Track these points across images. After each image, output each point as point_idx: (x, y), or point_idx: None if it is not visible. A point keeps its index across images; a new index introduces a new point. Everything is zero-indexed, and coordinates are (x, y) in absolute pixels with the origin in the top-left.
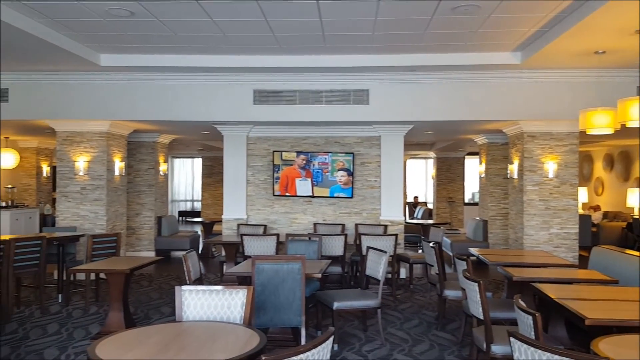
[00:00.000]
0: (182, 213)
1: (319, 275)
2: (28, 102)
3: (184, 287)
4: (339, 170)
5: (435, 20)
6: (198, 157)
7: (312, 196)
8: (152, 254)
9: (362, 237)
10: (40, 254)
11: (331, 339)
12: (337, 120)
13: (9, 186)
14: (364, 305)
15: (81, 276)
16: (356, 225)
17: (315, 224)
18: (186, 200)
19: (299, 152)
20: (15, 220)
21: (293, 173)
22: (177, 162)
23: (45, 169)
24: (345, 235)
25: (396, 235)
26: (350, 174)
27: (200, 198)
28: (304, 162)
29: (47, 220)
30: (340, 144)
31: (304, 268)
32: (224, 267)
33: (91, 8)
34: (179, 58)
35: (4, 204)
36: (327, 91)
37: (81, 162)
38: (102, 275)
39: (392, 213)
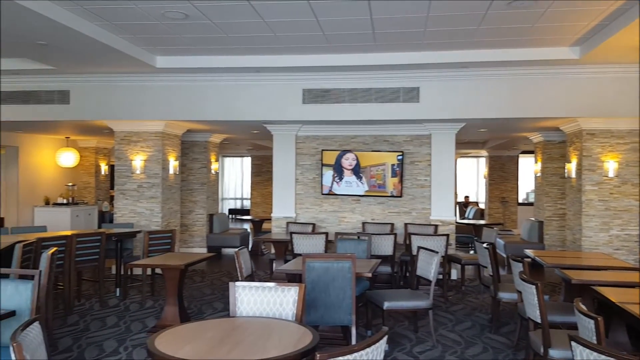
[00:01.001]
0: (231, 211)
1: (370, 275)
2: (88, 103)
3: (237, 283)
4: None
5: (489, 16)
6: (247, 156)
7: (361, 195)
8: (204, 250)
9: (412, 236)
10: (99, 249)
11: (385, 338)
12: (386, 119)
13: (70, 184)
14: (415, 306)
15: (138, 271)
16: (405, 224)
17: (363, 223)
18: (235, 199)
19: (347, 151)
20: (76, 217)
21: (340, 172)
22: (227, 161)
23: (104, 168)
24: (395, 234)
25: (447, 235)
26: (400, 173)
27: (249, 196)
28: (353, 161)
29: (105, 217)
30: (390, 143)
31: (355, 267)
32: (274, 264)
33: (148, 11)
34: (230, 59)
35: (65, 201)
36: (377, 89)
37: (138, 161)
38: (157, 270)
39: (443, 213)
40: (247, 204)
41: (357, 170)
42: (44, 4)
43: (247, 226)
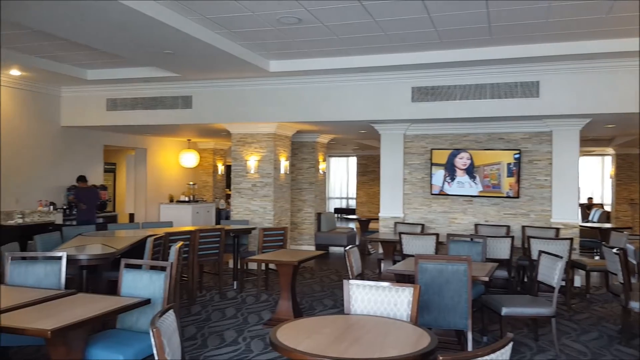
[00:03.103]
0: (337, 210)
1: (486, 279)
2: (208, 107)
3: (351, 281)
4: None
5: (619, 3)
6: (353, 156)
7: (474, 196)
8: (312, 248)
9: (532, 240)
10: (219, 244)
11: (510, 345)
12: (502, 116)
13: (191, 183)
14: (536, 313)
15: (252, 265)
16: (523, 227)
17: (476, 225)
18: (341, 198)
19: (459, 150)
20: (196, 214)
21: (452, 171)
22: (333, 160)
23: (220, 168)
24: (512, 237)
25: (571, 239)
26: (517, 172)
27: (354, 196)
28: (467, 160)
29: (221, 214)
30: (505, 141)
31: (470, 270)
32: (382, 264)
33: (264, 18)
34: (340, 60)
35: (186, 199)
36: (491, 85)
37: (252, 162)
38: (270, 266)
39: (565, 215)
40: (352, 203)
41: (470, 170)
42: (174, 16)
43: (353, 225)
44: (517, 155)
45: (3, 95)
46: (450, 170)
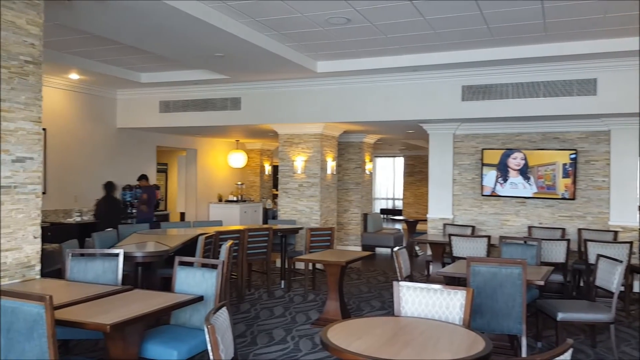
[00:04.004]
0: (382, 211)
1: (541, 283)
2: (256, 108)
3: (401, 283)
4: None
5: None
6: (399, 156)
7: (528, 197)
8: (358, 248)
9: (589, 243)
10: (267, 243)
11: (570, 351)
12: (556, 114)
13: (239, 183)
14: (593, 319)
15: (299, 265)
16: (579, 230)
17: (529, 227)
18: (387, 199)
19: (511, 150)
20: (244, 213)
21: (505, 172)
22: (379, 161)
23: (267, 168)
24: (568, 240)
25: (630, 242)
26: (573, 173)
27: (400, 196)
28: (521, 160)
29: (268, 214)
30: (560, 140)
31: (525, 273)
32: (430, 266)
33: (313, 19)
34: (388, 59)
35: (234, 199)
36: (545, 82)
37: (299, 162)
38: (317, 266)
39: (625, 218)
40: (398, 204)
41: (524, 171)
42: (225, 19)
43: (400, 226)
44: (573, 156)
45: (63, 98)
46: (503, 170)
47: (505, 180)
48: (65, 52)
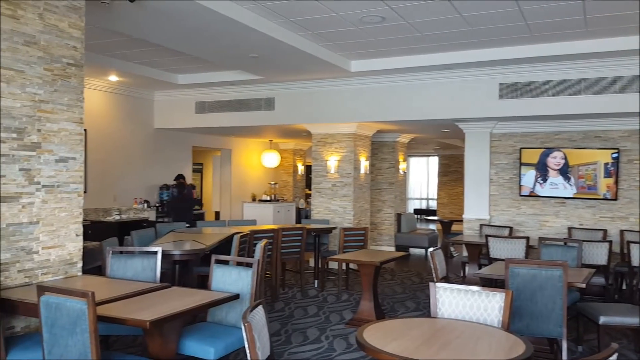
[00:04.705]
0: (416, 211)
1: (583, 285)
2: (290, 109)
3: (437, 284)
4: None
5: None
6: (433, 156)
7: (568, 197)
8: (391, 249)
9: (632, 245)
10: (301, 242)
11: (615, 356)
12: (598, 112)
13: (272, 182)
14: (637, 323)
15: (332, 265)
16: (621, 231)
17: (569, 228)
18: (420, 199)
19: (551, 149)
20: (277, 212)
21: (545, 172)
22: (413, 160)
23: (300, 168)
24: (610, 242)
25: None
26: (615, 172)
27: (434, 196)
28: (561, 160)
29: (300, 213)
30: (602, 139)
31: (566, 275)
32: (466, 267)
33: (347, 18)
34: (422, 58)
35: (268, 198)
36: (587, 79)
37: (332, 162)
38: (351, 266)
39: None
40: (432, 204)
41: (565, 170)
42: (259, 20)
43: (434, 227)
44: (615, 155)
45: (102, 100)
46: (542, 170)
47: (544, 180)
48: (105, 55)
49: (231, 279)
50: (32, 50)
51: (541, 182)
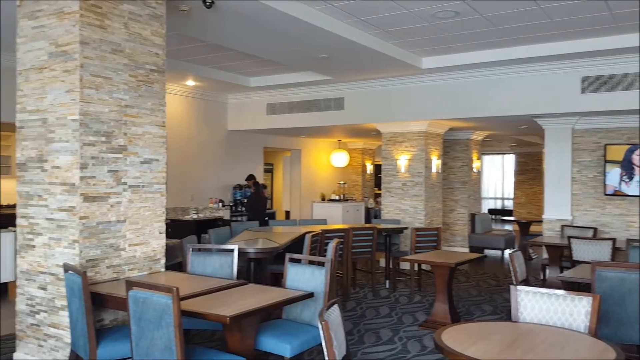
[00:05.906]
0: (491, 211)
1: None
2: (359, 108)
3: (519, 287)
4: None
5: None
6: (509, 154)
7: None
8: (465, 250)
9: None
10: (371, 242)
11: None
12: None
13: (341, 182)
14: None
15: (404, 265)
16: None
17: None
18: (495, 198)
19: (636, 145)
20: (346, 212)
21: (630, 169)
22: (487, 158)
23: (369, 167)
24: None
25: None
26: None
27: (510, 196)
28: None
29: (370, 213)
30: None
31: None
32: (547, 270)
33: (419, 14)
34: (498, 52)
35: (337, 198)
36: None
37: (402, 161)
38: (423, 266)
39: None
40: (507, 204)
41: None
42: (330, 20)
43: (511, 227)
44: None
45: (180, 104)
46: (628, 167)
47: (630, 178)
48: (183, 60)
49: (305, 277)
50: (119, 58)
51: (627, 180)
